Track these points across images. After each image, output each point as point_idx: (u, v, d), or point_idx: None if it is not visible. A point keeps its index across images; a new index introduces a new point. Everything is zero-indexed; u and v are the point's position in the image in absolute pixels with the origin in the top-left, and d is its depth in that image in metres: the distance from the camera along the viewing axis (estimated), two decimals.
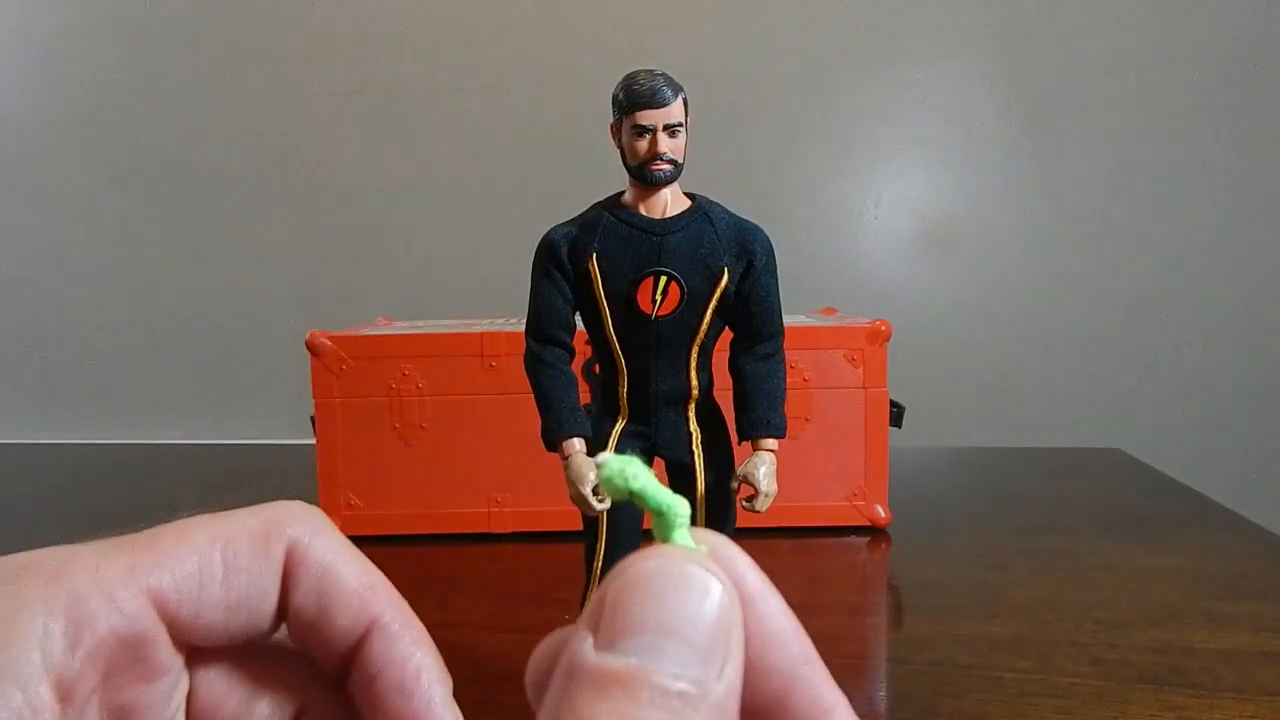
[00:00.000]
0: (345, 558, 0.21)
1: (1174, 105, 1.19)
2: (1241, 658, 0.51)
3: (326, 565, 0.21)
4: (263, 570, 0.20)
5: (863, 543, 0.75)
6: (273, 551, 0.21)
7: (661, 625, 0.15)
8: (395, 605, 0.21)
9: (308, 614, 0.21)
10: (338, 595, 0.21)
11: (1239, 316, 1.20)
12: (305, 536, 0.21)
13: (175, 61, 1.31)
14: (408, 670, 0.20)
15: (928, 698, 0.47)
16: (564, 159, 1.21)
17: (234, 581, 0.20)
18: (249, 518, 0.21)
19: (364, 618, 0.21)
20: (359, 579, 0.21)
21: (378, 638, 0.21)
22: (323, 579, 0.21)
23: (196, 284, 1.32)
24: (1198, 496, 0.85)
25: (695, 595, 0.16)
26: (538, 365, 0.42)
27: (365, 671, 0.21)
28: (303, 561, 0.21)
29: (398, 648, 0.21)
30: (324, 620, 0.21)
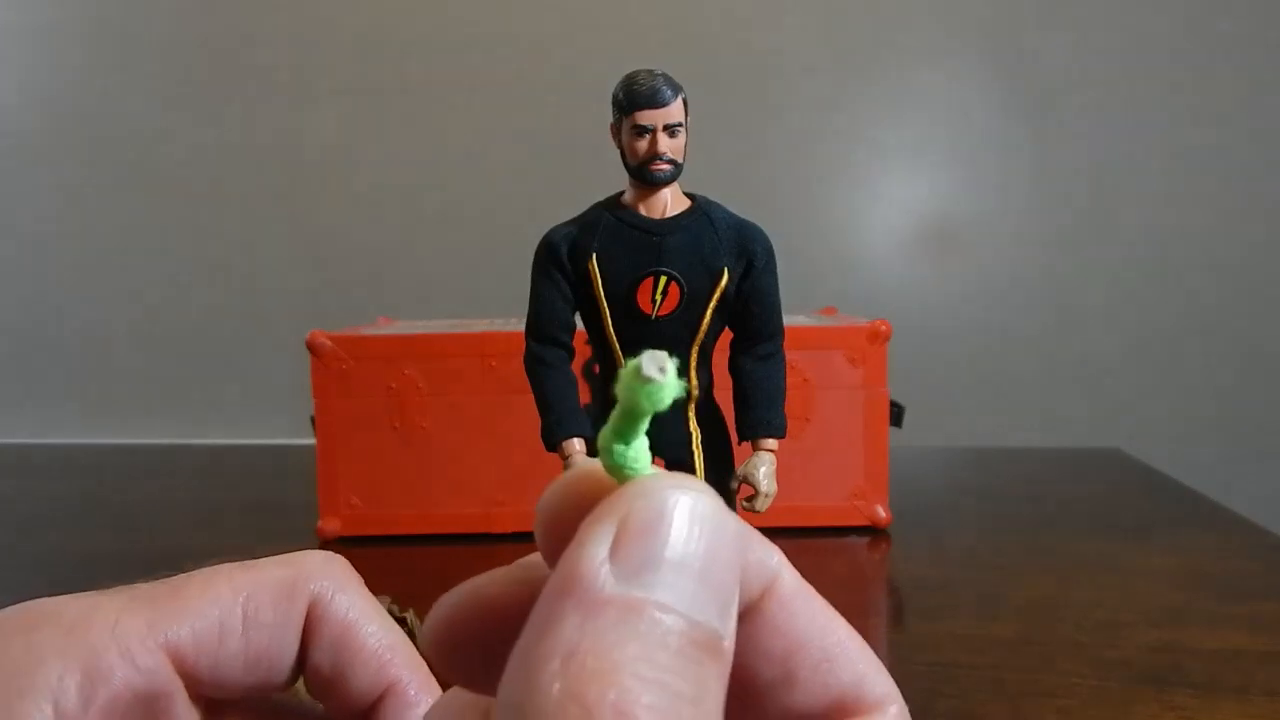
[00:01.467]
0: (367, 615, 0.21)
1: (1174, 105, 1.19)
2: (1241, 658, 0.51)
3: (347, 624, 0.21)
4: (284, 626, 0.20)
5: (863, 543, 0.75)
6: (295, 607, 0.21)
7: (687, 560, 0.14)
8: (413, 668, 0.21)
9: (325, 671, 0.21)
10: (356, 655, 0.21)
11: (1239, 316, 1.20)
12: (329, 592, 0.21)
13: (175, 61, 1.31)
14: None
15: (928, 698, 0.47)
16: (564, 159, 1.21)
17: (254, 636, 0.20)
18: (275, 569, 0.21)
19: (382, 680, 0.21)
20: (379, 640, 0.21)
21: (394, 702, 0.21)
22: (342, 637, 0.21)
23: (196, 284, 1.32)
24: (1198, 496, 0.85)
25: (725, 539, 0.15)
26: (538, 365, 0.42)
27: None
28: (324, 618, 0.21)
29: (413, 715, 0.21)
30: (341, 679, 0.21)
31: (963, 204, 1.23)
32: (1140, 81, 1.20)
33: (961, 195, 1.23)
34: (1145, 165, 1.20)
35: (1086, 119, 1.21)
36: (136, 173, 1.32)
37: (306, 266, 1.31)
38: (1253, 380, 1.21)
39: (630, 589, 0.13)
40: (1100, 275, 1.22)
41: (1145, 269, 1.21)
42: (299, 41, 1.29)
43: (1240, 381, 1.21)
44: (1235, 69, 1.18)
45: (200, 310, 1.32)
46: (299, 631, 0.21)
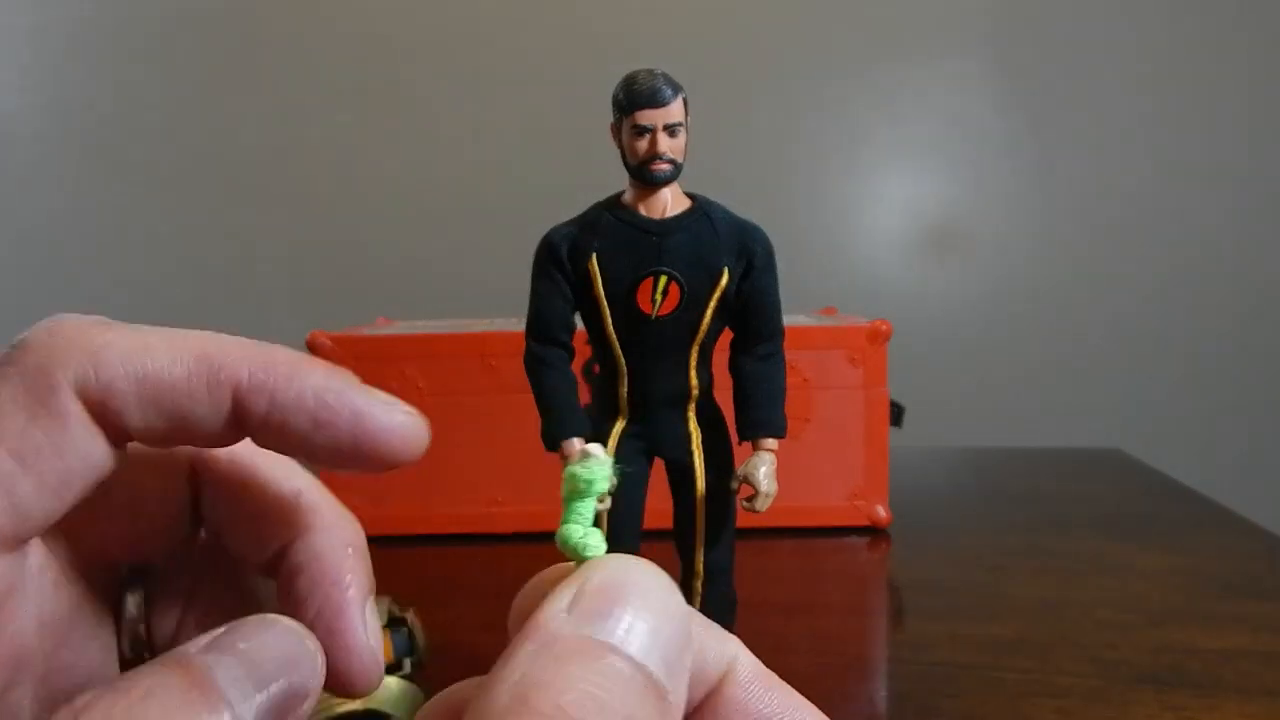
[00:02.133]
0: (154, 351, 0.18)
1: (1175, 105, 1.19)
2: (1241, 658, 0.51)
3: (137, 375, 0.18)
4: (60, 431, 0.17)
5: (863, 543, 0.75)
6: (58, 408, 0.17)
7: (637, 616, 0.16)
8: (247, 358, 0.19)
9: (158, 426, 0.18)
10: (174, 392, 0.18)
11: (1240, 317, 1.20)
12: (88, 367, 0.17)
13: (174, 61, 1.31)
14: (309, 402, 0.19)
15: (928, 698, 0.47)
16: (564, 159, 1.21)
17: (36, 464, 0.17)
18: (3, 388, 0.17)
19: (222, 394, 0.18)
20: (184, 363, 0.18)
21: (254, 399, 0.19)
22: (143, 390, 0.18)
23: (196, 284, 1.32)
24: (1198, 496, 0.85)
25: (670, 604, 0.16)
26: (538, 365, 0.42)
27: (268, 431, 0.19)
28: (108, 392, 0.18)
29: (280, 393, 0.19)
30: (181, 423, 0.18)
31: (963, 204, 1.23)
32: (1140, 81, 1.20)
33: (961, 195, 1.23)
34: (1146, 165, 1.20)
35: (1087, 119, 1.20)
36: (136, 172, 1.32)
37: (306, 266, 1.31)
38: (1253, 380, 1.21)
39: (584, 631, 0.15)
40: (1100, 275, 1.22)
41: (1145, 269, 1.21)
42: (299, 41, 1.29)
43: (1240, 382, 1.21)
44: (1236, 69, 1.18)
45: (200, 310, 1.32)
46: (88, 425, 0.18)
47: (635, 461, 0.42)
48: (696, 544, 0.43)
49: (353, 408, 0.19)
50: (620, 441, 0.42)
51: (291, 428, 0.18)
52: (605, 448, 0.42)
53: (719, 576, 0.43)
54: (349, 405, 0.19)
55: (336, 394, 0.19)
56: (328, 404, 0.18)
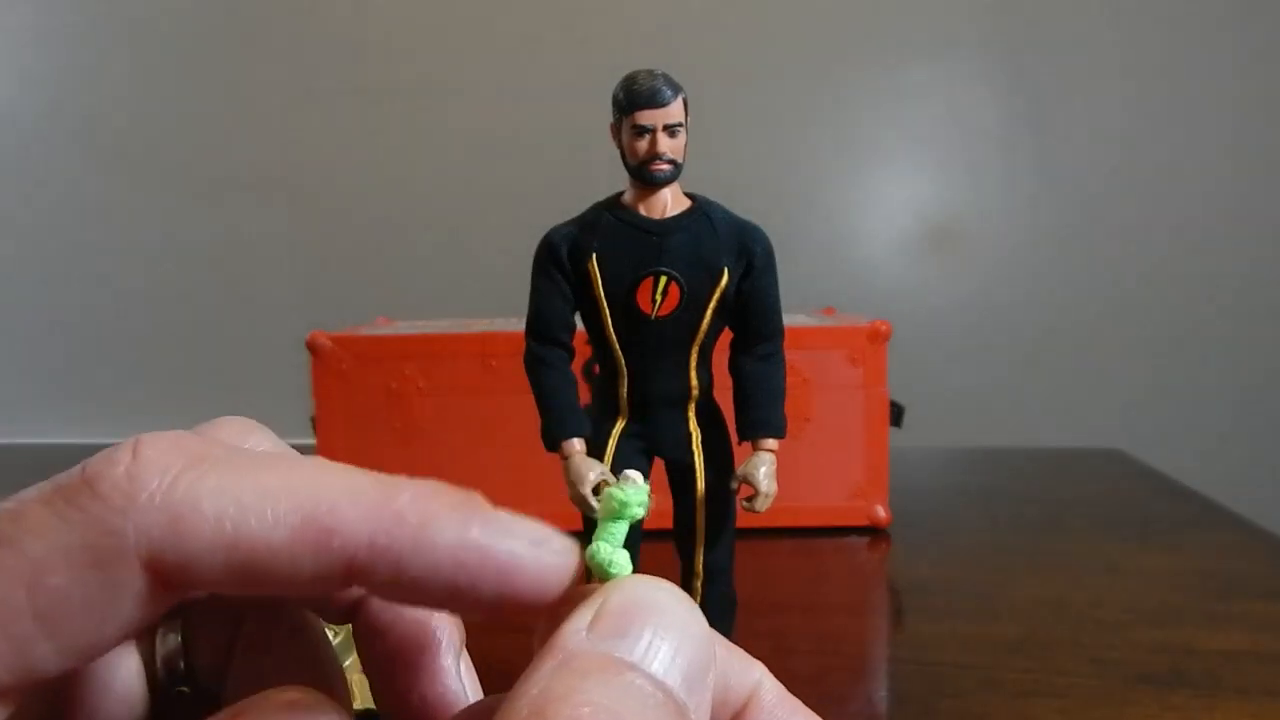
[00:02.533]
0: (249, 508, 0.15)
1: (1175, 105, 1.19)
2: (1241, 658, 0.51)
3: (227, 544, 0.15)
4: (107, 609, 0.15)
5: (863, 543, 0.75)
6: (115, 582, 0.15)
7: (657, 635, 0.15)
8: (364, 517, 0.16)
9: (248, 589, 0.16)
10: (273, 561, 0.15)
11: (1240, 316, 1.20)
12: (168, 532, 0.15)
13: (174, 60, 1.31)
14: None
15: (928, 698, 0.47)
16: (564, 159, 1.21)
17: (66, 638, 0.15)
18: (60, 529, 0.15)
19: (332, 557, 0.16)
20: (290, 523, 0.15)
21: (377, 563, 0.16)
22: (233, 559, 0.15)
23: (196, 284, 1.32)
24: (1198, 497, 0.85)
25: (692, 624, 0.16)
26: (538, 365, 0.42)
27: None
28: (189, 561, 0.15)
29: (412, 566, 0.16)
30: (278, 584, 0.16)
31: (963, 204, 1.23)
32: (1140, 81, 1.20)
33: (961, 195, 1.23)
34: (1146, 165, 1.20)
35: (1087, 118, 1.20)
36: (136, 172, 1.32)
37: (306, 266, 1.31)
38: (1253, 380, 1.21)
39: (603, 648, 0.15)
40: (1100, 275, 1.22)
41: (1145, 269, 1.21)
42: (299, 41, 1.29)
43: (1241, 381, 1.21)
44: (1236, 68, 1.18)
45: (200, 310, 1.32)
46: (145, 598, 0.15)
47: (635, 461, 0.42)
48: (696, 544, 0.43)
49: (498, 567, 0.16)
50: (620, 441, 0.42)
51: (424, 596, 0.16)
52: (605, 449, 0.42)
53: (719, 576, 0.43)
54: (493, 565, 0.16)
55: (479, 555, 0.16)
56: (468, 568, 0.16)
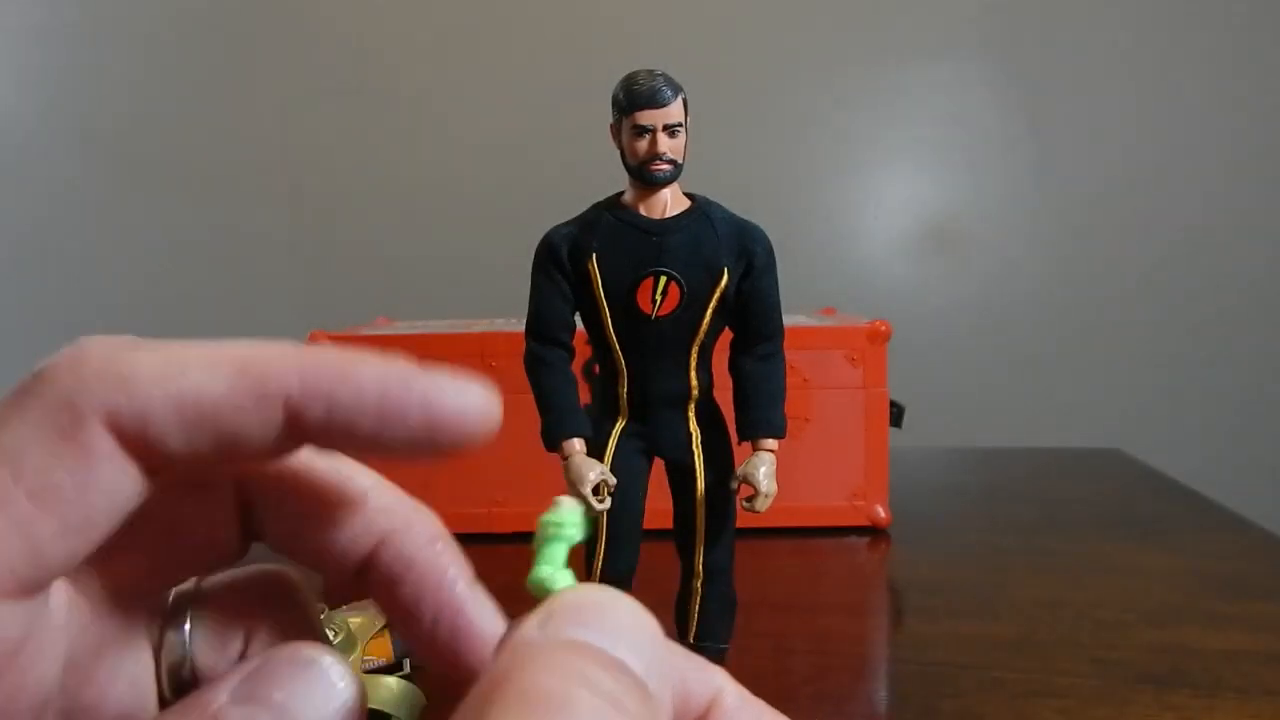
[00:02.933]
0: (190, 371, 0.16)
1: (1173, 105, 1.19)
2: (1241, 658, 0.51)
3: (175, 398, 0.16)
4: (86, 470, 0.15)
5: (863, 543, 0.75)
6: (86, 444, 0.16)
7: (609, 625, 0.15)
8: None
9: (204, 451, 0.16)
10: (219, 408, 0.16)
11: (1239, 317, 1.20)
12: (119, 395, 0.16)
13: (175, 61, 1.31)
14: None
15: (928, 698, 0.47)
16: (564, 159, 1.21)
17: (58, 507, 0.15)
18: (25, 420, 0.16)
19: (273, 403, 0.16)
20: (226, 378, 0.16)
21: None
22: (182, 411, 0.16)
23: (196, 284, 1.32)
24: (1198, 496, 0.85)
25: (643, 620, 0.16)
26: (538, 365, 0.42)
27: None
28: (144, 420, 0.16)
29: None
30: (230, 441, 0.16)
31: (963, 204, 1.23)
32: (1140, 81, 1.20)
33: (961, 195, 1.23)
34: (1146, 165, 1.20)
35: (1086, 119, 1.20)
36: (136, 173, 1.32)
37: (306, 266, 1.31)
38: (1253, 380, 1.21)
39: (560, 637, 0.14)
40: (1100, 275, 1.22)
41: (1145, 269, 1.21)
42: (299, 41, 1.29)
43: (1241, 382, 1.21)
44: (1236, 69, 1.18)
45: (200, 310, 1.32)
46: (118, 458, 0.16)
47: (635, 461, 0.42)
48: (696, 544, 0.43)
49: (422, 395, 0.17)
50: (620, 441, 0.42)
51: (357, 429, 0.16)
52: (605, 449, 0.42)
53: (719, 576, 0.43)
54: (417, 393, 0.17)
55: (401, 383, 0.17)
56: (393, 396, 0.16)
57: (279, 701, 0.15)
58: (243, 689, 0.15)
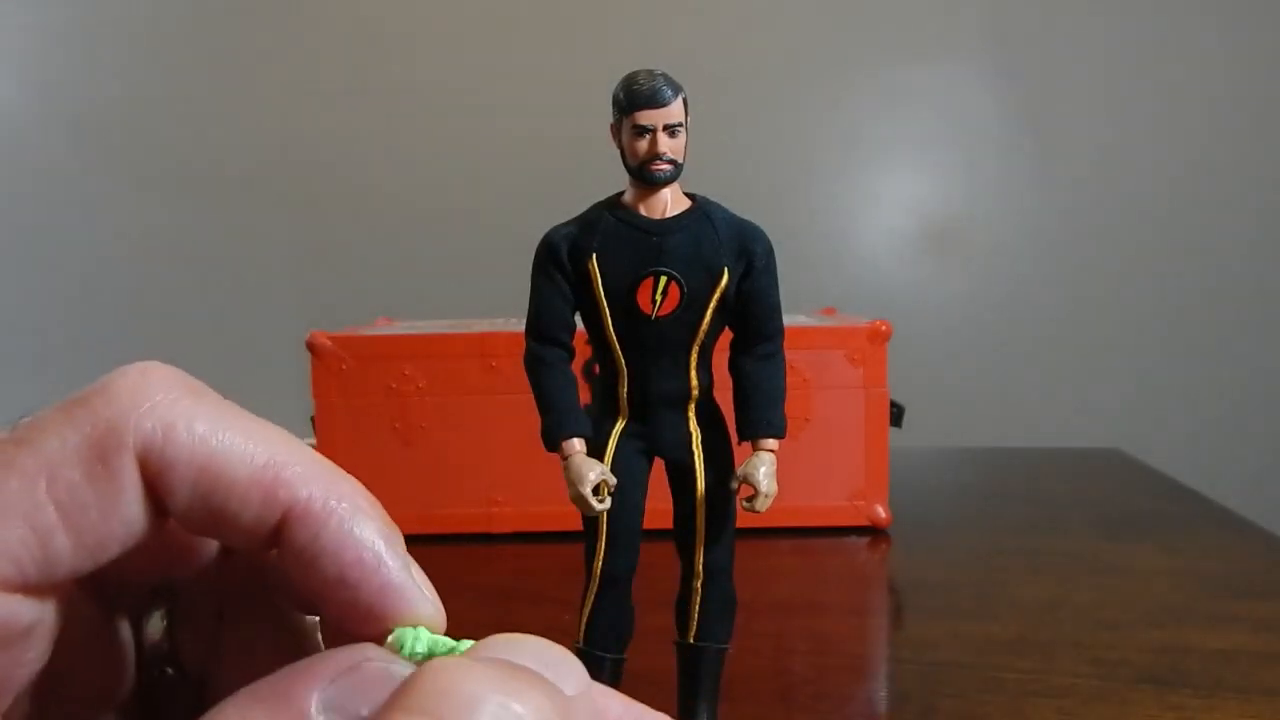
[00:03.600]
0: (226, 443, 0.17)
1: (1174, 106, 1.19)
2: (1241, 658, 0.51)
3: (200, 464, 0.16)
4: (113, 499, 0.16)
5: (863, 543, 0.75)
6: (116, 473, 0.16)
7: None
8: (309, 477, 0.17)
9: (199, 518, 0.17)
10: (230, 494, 0.17)
11: (1239, 317, 1.20)
12: (157, 437, 0.16)
13: (175, 61, 1.31)
14: (345, 557, 0.17)
15: (928, 698, 0.47)
16: (564, 159, 1.21)
17: (80, 524, 0.16)
18: (69, 433, 0.16)
19: (271, 511, 0.17)
20: (250, 466, 0.17)
21: (298, 526, 0.17)
22: (201, 480, 0.16)
23: (196, 284, 1.32)
24: (1198, 496, 0.85)
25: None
26: (538, 365, 0.42)
27: (295, 563, 0.17)
28: (168, 469, 0.16)
29: (324, 534, 0.17)
30: (222, 523, 0.17)
31: (963, 204, 1.23)
32: (1140, 81, 1.20)
33: (962, 195, 1.23)
34: (1145, 165, 1.20)
35: (1086, 119, 1.20)
36: (136, 172, 1.32)
37: (306, 266, 1.31)
38: (1253, 380, 1.21)
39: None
40: (1100, 275, 1.22)
41: (1145, 269, 1.21)
42: (299, 41, 1.29)
43: (1240, 381, 1.21)
44: (1235, 69, 1.18)
45: (200, 310, 1.32)
46: (140, 496, 0.16)
47: (635, 461, 0.42)
48: (696, 544, 0.43)
49: (384, 584, 0.17)
50: (620, 441, 0.42)
51: (317, 570, 0.17)
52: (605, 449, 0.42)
53: (719, 576, 0.43)
54: (381, 579, 0.17)
55: (376, 559, 0.17)
56: (364, 563, 0.17)
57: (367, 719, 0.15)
58: (331, 695, 0.15)
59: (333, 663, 0.15)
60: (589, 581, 0.43)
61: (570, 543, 0.47)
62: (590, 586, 0.43)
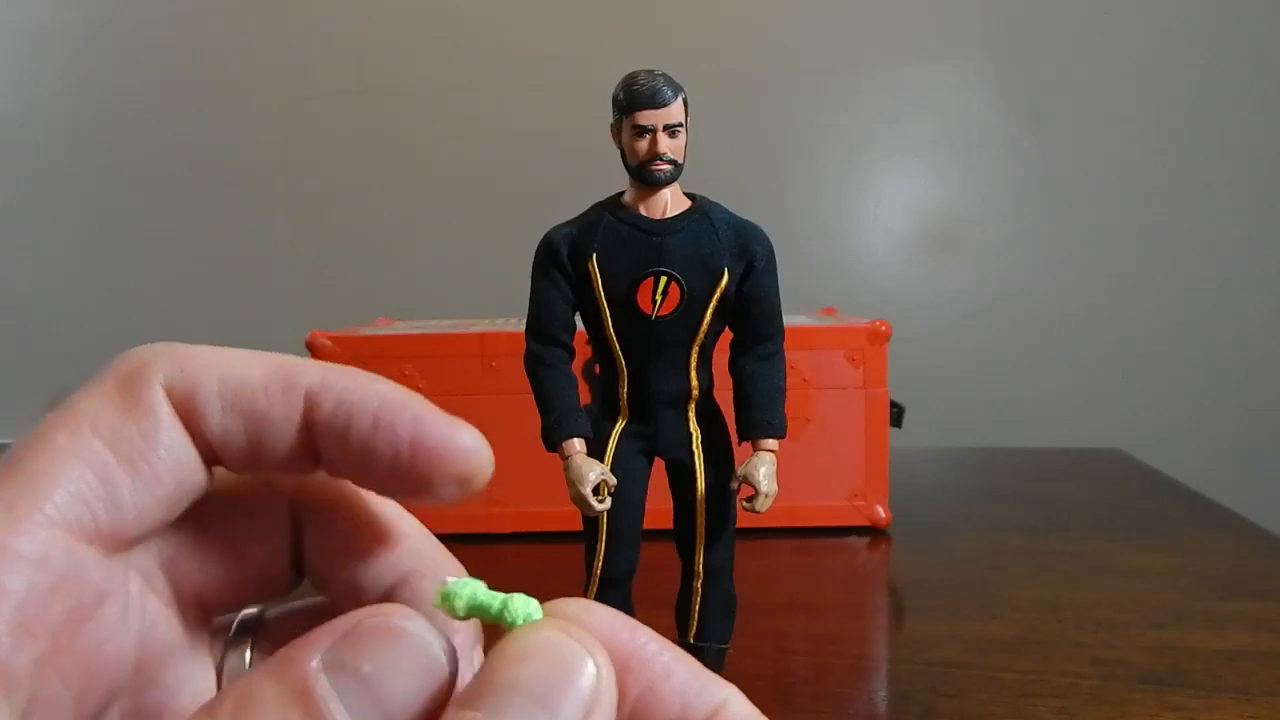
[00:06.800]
0: (236, 359, 0.18)
1: (1174, 106, 1.19)
2: (1241, 658, 0.51)
3: (220, 376, 0.18)
4: (152, 426, 0.17)
5: (863, 543, 0.75)
6: (148, 402, 0.17)
7: (527, 690, 0.15)
8: (315, 364, 0.18)
9: (236, 433, 0.18)
10: (254, 393, 0.18)
11: (1239, 316, 1.20)
12: (175, 367, 0.18)
13: (175, 60, 1.31)
14: (373, 404, 0.18)
15: (928, 698, 0.47)
16: (564, 159, 1.21)
17: (130, 455, 0.17)
18: (97, 388, 0.17)
19: (294, 396, 0.18)
20: (263, 366, 0.18)
21: (324, 400, 0.18)
22: (225, 390, 0.18)
23: (196, 284, 1.32)
24: (1198, 496, 0.85)
25: (567, 669, 0.15)
26: (538, 366, 0.42)
27: (334, 438, 0.18)
28: (193, 389, 0.17)
29: (348, 392, 0.18)
30: (257, 427, 0.18)
31: (963, 204, 1.23)
32: (1139, 81, 1.20)
33: (961, 195, 1.23)
34: (1145, 165, 1.20)
35: (1086, 119, 1.20)
36: (136, 172, 1.32)
37: (306, 266, 1.31)
38: (1253, 380, 1.21)
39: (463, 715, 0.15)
40: (1100, 275, 1.22)
41: (1145, 269, 1.21)
42: (299, 41, 1.29)
43: (1240, 381, 1.21)
44: (1235, 69, 1.18)
45: (200, 310, 1.32)
46: (176, 423, 0.17)
47: (635, 461, 0.42)
48: (696, 544, 0.43)
49: (415, 413, 0.18)
50: (620, 441, 0.42)
51: (354, 430, 0.18)
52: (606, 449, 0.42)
53: (719, 576, 0.43)
54: (411, 410, 0.18)
55: (401, 399, 0.18)
56: (390, 404, 0.18)
57: (368, 674, 0.15)
58: (333, 655, 0.15)
59: (333, 627, 0.16)
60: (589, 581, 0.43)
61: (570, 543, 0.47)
62: (590, 586, 0.43)
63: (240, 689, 0.15)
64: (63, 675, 0.16)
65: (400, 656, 0.15)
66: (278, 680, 0.15)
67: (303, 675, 0.15)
